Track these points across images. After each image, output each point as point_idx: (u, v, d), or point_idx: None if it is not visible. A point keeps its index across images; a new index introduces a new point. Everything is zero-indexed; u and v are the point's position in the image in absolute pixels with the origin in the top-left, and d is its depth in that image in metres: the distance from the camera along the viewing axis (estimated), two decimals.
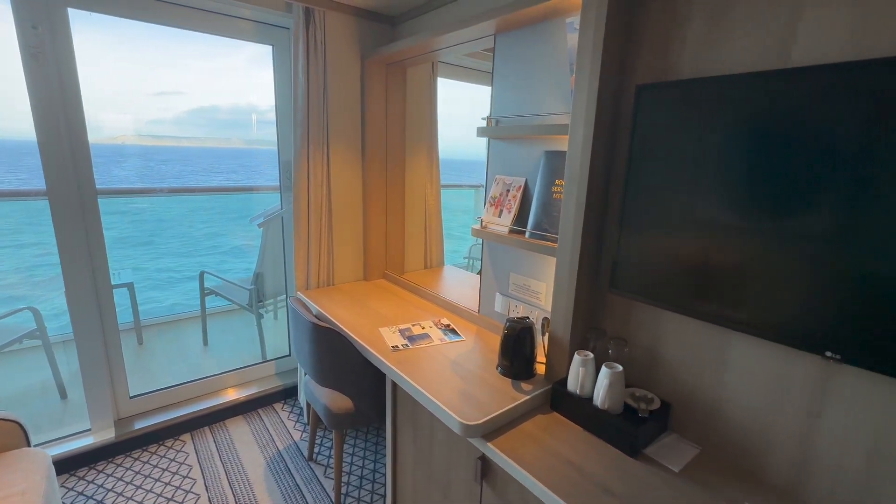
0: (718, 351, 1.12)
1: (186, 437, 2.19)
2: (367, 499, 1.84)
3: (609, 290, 1.27)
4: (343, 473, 1.97)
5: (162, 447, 2.11)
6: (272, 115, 2.30)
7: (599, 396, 1.20)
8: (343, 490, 1.88)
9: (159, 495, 1.81)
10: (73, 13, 1.68)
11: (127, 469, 1.95)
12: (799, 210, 0.89)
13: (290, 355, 2.63)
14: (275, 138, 2.33)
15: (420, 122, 2.45)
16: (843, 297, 0.85)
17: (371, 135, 2.25)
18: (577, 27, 1.19)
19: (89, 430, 2.02)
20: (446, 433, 1.36)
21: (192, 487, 1.86)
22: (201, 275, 3.05)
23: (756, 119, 0.93)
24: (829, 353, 0.88)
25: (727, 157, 0.98)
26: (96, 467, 1.96)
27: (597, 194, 1.25)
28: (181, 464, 2.00)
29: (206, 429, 2.26)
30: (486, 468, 1.21)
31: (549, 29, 1.43)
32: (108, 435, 2.01)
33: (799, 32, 0.91)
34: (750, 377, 1.07)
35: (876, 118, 0.78)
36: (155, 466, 1.98)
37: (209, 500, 1.80)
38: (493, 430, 1.20)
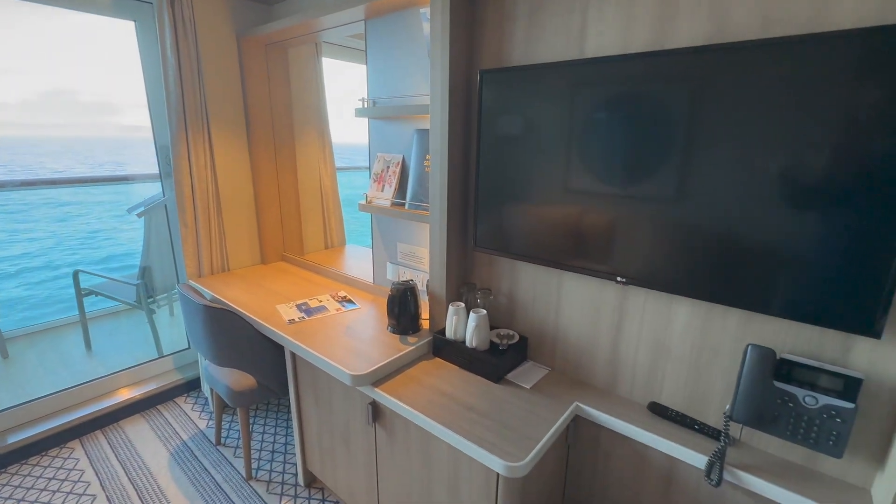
0: (556, 289, 1.39)
1: (74, 443, 2.06)
2: (280, 469, 1.93)
3: (474, 248, 1.48)
4: (254, 451, 2.03)
5: (46, 457, 1.97)
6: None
7: (469, 338, 1.42)
8: (255, 465, 1.94)
9: (48, 503, 1.72)
10: None
11: (4, 485, 1.81)
12: (599, 174, 1.15)
13: (189, 348, 2.56)
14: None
15: (308, 102, 2.47)
16: (624, 237, 1.14)
17: (255, 116, 2.23)
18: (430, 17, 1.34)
19: None
20: (343, 389, 1.49)
21: (85, 490, 1.79)
22: (75, 274, 2.79)
23: (563, 97, 1.17)
24: (619, 279, 1.17)
25: (548, 130, 1.22)
26: None
27: (458, 166, 1.43)
28: (70, 470, 1.90)
29: (98, 432, 2.14)
30: (376, 411, 1.38)
31: (409, 18, 1.57)
32: None
33: (587, 35, 1.16)
34: (578, 306, 1.35)
35: (637, 97, 1.05)
36: (39, 478, 1.85)
37: (108, 499, 1.75)
38: (381, 378, 1.36)
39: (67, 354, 2.82)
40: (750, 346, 0.98)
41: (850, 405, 0.91)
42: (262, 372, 1.77)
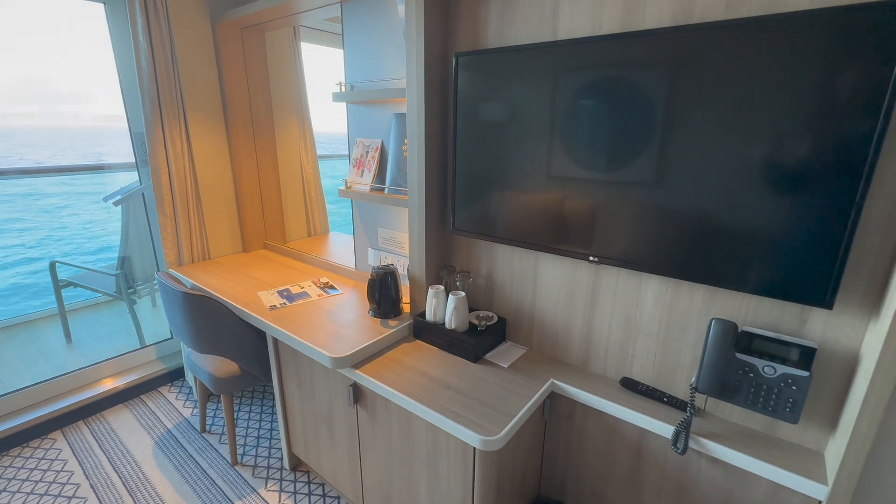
0: (532, 270, 1.41)
1: (56, 434, 2.05)
2: (265, 454, 1.95)
3: (452, 232, 1.50)
4: (239, 437, 2.04)
5: (27, 449, 1.96)
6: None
7: (449, 320, 1.44)
8: (240, 451, 1.96)
9: (30, 493, 1.72)
10: None
11: None
12: (573, 156, 1.17)
13: (172, 337, 2.54)
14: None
15: (287, 88, 2.44)
16: (597, 218, 1.16)
17: (233, 102, 2.20)
18: None
19: None
20: (324, 372, 1.51)
21: (68, 480, 1.79)
22: (52, 265, 2.73)
23: (536, 80, 1.18)
24: (591, 258, 1.20)
25: (522, 113, 1.23)
26: None
27: (435, 150, 1.44)
28: (53, 460, 1.89)
29: (81, 423, 2.13)
30: (357, 393, 1.40)
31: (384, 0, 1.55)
32: None
33: (559, 16, 1.17)
34: (554, 287, 1.38)
35: (608, 79, 1.07)
36: (20, 468, 1.85)
37: (91, 487, 1.75)
38: (362, 360, 1.38)
39: (46, 347, 2.78)
40: (714, 321, 1.02)
41: (805, 374, 0.96)
42: (244, 358, 1.78)
